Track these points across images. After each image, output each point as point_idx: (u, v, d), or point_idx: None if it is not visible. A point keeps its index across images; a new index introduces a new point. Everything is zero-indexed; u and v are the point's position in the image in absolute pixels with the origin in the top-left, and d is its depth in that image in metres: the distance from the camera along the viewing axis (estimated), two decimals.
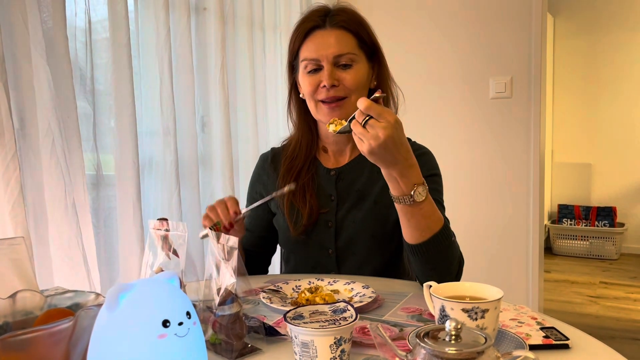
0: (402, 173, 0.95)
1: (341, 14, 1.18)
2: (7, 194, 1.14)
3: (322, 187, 1.28)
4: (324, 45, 1.16)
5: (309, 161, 1.29)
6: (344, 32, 1.17)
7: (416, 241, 1.01)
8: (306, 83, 1.19)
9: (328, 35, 1.16)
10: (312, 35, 1.18)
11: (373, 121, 0.90)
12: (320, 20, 1.18)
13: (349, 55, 1.16)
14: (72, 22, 1.46)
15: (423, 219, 0.99)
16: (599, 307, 3.33)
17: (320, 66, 1.16)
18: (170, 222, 0.82)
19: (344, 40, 1.16)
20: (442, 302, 0.75)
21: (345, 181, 1.27)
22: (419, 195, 0.96)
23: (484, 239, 2.70)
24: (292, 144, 1.33)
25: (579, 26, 4.72)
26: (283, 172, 1.29)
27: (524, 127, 2.62)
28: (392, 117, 0.91)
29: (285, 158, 1.32)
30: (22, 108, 1.25)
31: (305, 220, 1.23)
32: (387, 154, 0.92)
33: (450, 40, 2.72)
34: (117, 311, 0.57)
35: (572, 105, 4.81)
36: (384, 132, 0.89)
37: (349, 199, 1.25)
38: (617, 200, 4.70)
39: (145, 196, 1.70)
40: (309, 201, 1.24)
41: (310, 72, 1.18)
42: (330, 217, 1.25)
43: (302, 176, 1.27)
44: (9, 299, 0.72)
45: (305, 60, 1.18)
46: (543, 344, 0.79)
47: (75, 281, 1.29)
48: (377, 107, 0.90)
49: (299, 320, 0.74)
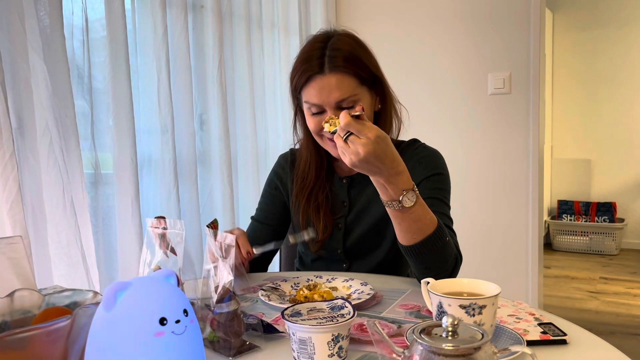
0: (388, 180, 0.96)
1: (338, 54, 1.14)
2: (6, 193, 1.14)
3: (336, 194, 1.33)
4: (325, 92, 1.14)
5: (320, 179, 1.33)
6: (344, 76, 1.14)
7: (408, 243, 1.02)
8: (311, 123, 1.20)
9: (328, 81, 1.14)
10: (312, 80, 1.16)
11: (353, 137, 0.91)
12: (319, 65, 1.14)
13: (350, 98, 1.15)
14: (69, 20, 1.46)
15: (414, 223, 1.00)
16: (599, 303, 3.33)
17: (323, 110, 1.17)
18: (168, 220, 0.83)
19: (344, 84, 1.14)
20: (439, 298, 0.75)
21: (356, 188, 1.32)
22: (408, 201, 0.97)
23: (484, 235, 2.70)
24: (301, 162, 1.35)
25: (578, 21, 4.71)
26: (297, 191, 1.33)
27: (523, 123, 2.62)
28: (372, 134, 0.91)
29: (296, 177, 1.35)
30: (19, 107, 1.25)
31: (321, 236, 1.28)
32: (370, 167, 0.93)
33: (448, 35, 2.71)
34: (114, 309, 0.57)
35: (571, 100, 4.81)
36: (364, 148, 0.90)
37: (359, 203, 1.30)
38: (617, 195, 4.70)
39: (144, 194, 1.70)
40: (323, 218, 1.29)
41: (314, 114, 1.19)
42: (341, 221, 1.31)
43: (314, 194, 1.31)
44: (7, 298, 0.72)
45: (308, 103, 1.18)
46: (541, 339, 0.79)
47: (74, 280, 1.29)
48: (355, 125, 0.91)
49: (297, 317, 0.74)
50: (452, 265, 1.07)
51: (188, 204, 1.86)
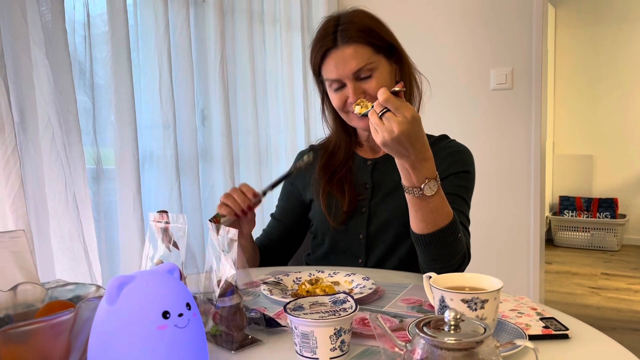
0: (414, 166, 0.95)
1: (350, 26, 1.16)
2: (8, 187, 1.14)
3: (358, 176, 1.30)
4: (341, 65, 1.15)
5: (347, 156, 1.32)
6: (357, 45, 1.15)
7: (420, 232, 1.02)
8: (334, 100, 1.21)
9: (343, 53, 1.15)
10: (328, 56, 1.17)
11: (390, 114, 0.91)
12: (332, 40, 1.16)
13: (367, 67, 1.15)
14: (71, 16, 1.46)
15: (430, 213, 0.99)
16: (600, 299, 3.33)
17: (343, 84, 1.17)
18: (170, 214, 0.83)
19: (358, 54, 1.15)
20: (441, 292, 0.75)
21: (381, 171, 1.30)
22: (429, 189, 0.96)
23: (485, 231, 2.70)
24: (331, 143, 1.35)
25: (580, 17, 4.69)
26: (321, 166, 1.32)
27: (525, 119, 2.62)
28: (409, 113, 0.91)
29: (323, 154, 1.35)
30: (21, 102, 1.25)
31: (346, 208, 1.25)
32: (400, 147, 0.92)
33: (451, 30, 2.71)
34: (117, 303, 0.57)
35: (573, 96, 4.80)
36: (399, 127, 0.90)
37: (384, 187, 1.28)
38: (619, 191, 4.70)
39: (146, 190, 1.70)
40: (348, 192, 1.27)
41: (336, 90, 1.19)
42: (365, 204, 1.27)
43: (339, 170, 1.30)
44: (10, 292, 0.72)
45: (328, 80, 1.19)
46: (543, 334, 0.79)
47: (76, 274, 1.30)
48: (395, 101, 0.90)
49: (299, 311, 0.75)
50: (459, 262, 1.07)
51: (190, 199, 1.87)
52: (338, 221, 1.26)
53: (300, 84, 2.53)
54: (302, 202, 1.38)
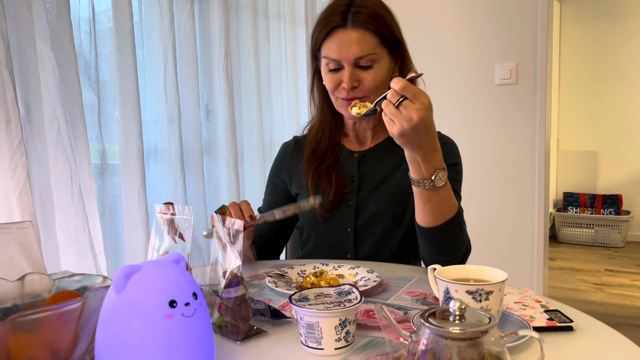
0: (425, 157, 0.95)
1: (362, 11, 1.14)
2: (14, 180, 1.15)
3: (345, 169, 1.29)
4: (344, 47, 1.13)
5: (333, 144, 1.31)
6: (365, 32, 1.14)
7: (428, 225, 1.02)
8: (327, 80, 1.19)
9: (349, 36, 1.13)
10: (333, 34, 1.15)
11: (407, 102, 0.89)
12: (342, 19, 1.14)
13: (369, 57, 1.14)
14: (76, 12, 1.46)
15: (438, 205, 1.00)
16: (604, 295, 3.33)
17: (341, 66, 1.16)
18: (176, 206, 0.83)
19: (365, 41, 1.13)
20: (446, 284, 0.75)
21: (368, 164, 1.28)
22: (440, 180, 0.97)
23: (489, 227, 2.70)
24: (314, 128, 1.33)
25: (586, 12, 4.67)
26: (308, 155, 1.30)
27: (530, 115, 2.61)
28: (426, 100, 0.90)
29: (309, 141, 1.33)
30: (27, 95, 1.25)
31: (332, 198, 1.24)
32: (416, 137, 0.91)
33: (455, 25, 2.70)
34: (124, 292, 0.58)
35: (578, 92, 4.78)
36: (418, 114, 0.89)
37: (371, 181, 1.26)
38: (623, 188, 4.68)
39: (150, 184, 1.71)
40: (334, 181, 1.25)
41: (332, 71, 1.17)
42: (352, 197, 1.26)
43: (327, 158, 1.28)
44: (18, 282, 0.73)
45: (327, 58, 1.17)
46: (547, 326, 0.79)
47: (82, 267, 1.30)
48: (413, 88, 0.89)
49: (304, 302, 0.75)
50: (463, 254, 1.08)
51: (194, 194, 1.87)
52: (324, 209, 1.25)
53: (304, 78, 2.53)
54: (288, 195, 1.37)
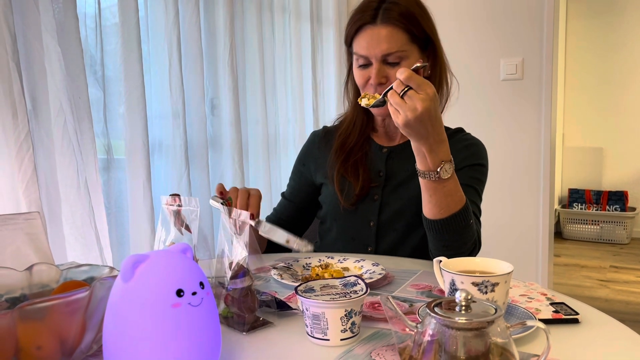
0: (431, 148, 0.95)
1: (394, 8, 1.15)
2: (21, 173, 1.15)
3: (373, 163, 1.30)
4: (372, 44, 1.14)
5: (362, 139, 1.32)
6: (395, 29, 1.14)
7: (433, 217, 1.02)
8: (357, 76, 1.21)
9: (378, 33, 1.14)
10: (362, 31, 1.16)
11: (412, 92, 0.90)
12: (372, 15, 1.15)
13: (397, 53, 1.14)
14: (81, 8, 1.46)
15: (444, 197, 1.00)
16: (609, 291, 3.32)
17: (369, 62, 1.17)
18: (182, 197, 0.83)
19: (394, 38, 1.14)
20: (452, 276, 0.75)
21: (396, 160, 1.29)
22: (445, 172, 0.97)
23: (494, 223, 2.69)
24: (346, 121, 1.35)
25: (592, 7, 4.64)
26: (337, 147, 1.32)
27: (535, 110, 2.60)
28: (431, 90, 0.90)
29: (339, 134, 1.34)
30: (34, 88, 1.26)
31: (358, 191, 1.25)
32: (421, 127, 0.92)
33: (460, 19, 2.69)
34: (131, 281, 0.58)
35: (583, 88, 4.76)
36: (422, 104, 0.89)
37: (398, 176, 1.27)
38: (629, 184, 4.67)
39: (155, 179, 1.71)
40: (362, 175, 1.26)
41: (361, 67, 1.19)
42: (377, 191, 1.27)
43: (355, 152, 1.29)
44: (26, 272, 0.73)
45: (356, 54, 1.19)
46: (553, 318, 0.79)
47: (88, 259, 1.31)
48: (417, 78, 0.90)
49: (310, 293, 0.75)
50: (469, 249, 1.07)
51: (199, 188, 1.87)
52: (349, 202, 1.25)
53: (309, 73, 2.52)
54: (312, 183, 1.38)
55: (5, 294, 0.71)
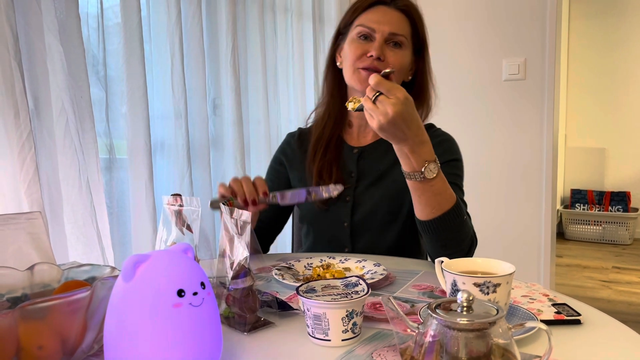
0: (412, 149, 0.96)
1: (407, 2, 1.25)
2: (23, 172, 1.15)
3: (344, 164, 1.32)
4: (383, 20, 1.21)
5: (337, 133, 1.34)
6: (404, 17, 1.24)
7: (426, 218, 1.02)
8: (353, 48, 1.23)
9: (390, 13, 1.22)
10: (375, 7, 1.23)
11: (383, 97, 0.92)
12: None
13: (401, 37, 1.22)
14: (84, 8, 1.46)
15: (434, 196, 1.00)
16: (611, 292, 3.31)
17: (372, 37, 1.21)
18: (184, 197, 0.83)
19: (402, 23, 1.23)
20: (453, 276, 0.75)
21: (366, 160, 1.31)
22: (430, 172, 0.97)
23: (496, 224, 2.69)
24: (322, 111, 1.36)
25: (595, 7, 4.63)
26: (314, 142, 1.33)
27: (538, 110, 2.60)
28: (401, 94, 0.92)
29: (315, 127, 1.36)
30: (36, 88, 1.26)
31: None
32: (396, 130, 0.93)
33: (463, 19, 2.69)
34: (133, 281, 0.58)
35: (585, 88, 4.75)
36: (393, 108, 0.91)
37: (369, 176, 1.29)
38: (632, 185, 4.65)
39: (157, 179, 1.72)
40: (334, 175, 1.28)
41: (361, 38, 1.22)
42: (349, 192, 1.28)
43: (330, 150, 1.31)
44: (27, 271, 0.73)
45: (361, 26, 1.23)
46: (555, 319, 0.79)
47: (89, 259, 1.31)
48: (386, 83, 0.92)
49: (312, 293, 0.75)
50: (467, 245, 1.07)
51: (201, 188, 1.88)
52: (322, 201, 1.27)
53: (311, 73, 2.52)
54: (289, 182, 1.39)
55: (7, 294, 0.71)
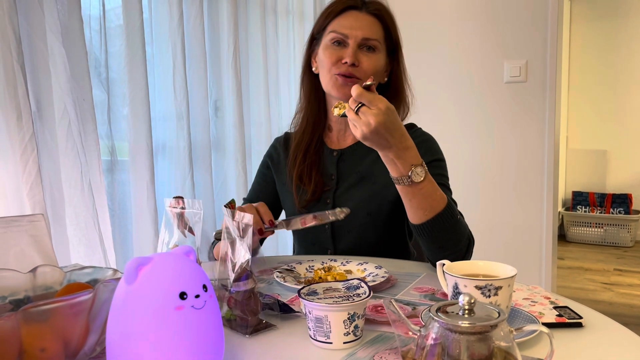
0: (398, 155, 0.97)
1: (377, 4, 1.25)
2: (25, 174, 1.16)
3: (324, 167, 1.33)
4: (355, 25, 1.21)
5: (316, 138, 1.34)
6: (377, 21, 1.24)
7: (420, 221, 1.02)
8: (327, 54, 1.23)
9: (362, 18, 1.22)
10: (347, 13, 1.23)
11: (365, 108, 0.93)
12: (360, 2, 1.24)
13: (374, 42, 1.22)
14: (86, 10, 1.47)
15: (424, 199, 1.00)
16: (613, 294, 3.31)
17: (345, 42, 1.22)
18: (186, 200, 0.83)
19: (374, 28, 1.23)
20: (455, 279, 0.75)
21: (346, 162, 1.31)
22: (417, 175, 0.98)
23: (497, 226, 2.69)
24: (302, 117, 1.36)
25: (596, 10, 4.63)
26: (294, 147, 1.34)
27: (539, 113, 2.59)
28: (382, 104, 0.93)
29: (295, 132, 1.37)
30: (38, 90, 1.26)
31: (309, 196, 1.28)
32: (380, 139, 0.95)
33: (464, 21, 2.69)
34: (135, 283, 0.58)
35: (587, 90, 4.74)
36: (375, 119, 0.92)
37: (348, 179, 1.30)
38: (633, 187, 4.64)
39: (159, 180, 1.72)
40: (314, 178, 1.29)
41: (334, 44, 1.23)
42: (329, 195, 1.30)
43: (311, 154, 1.32)
44: (30, 274, 0.73)
45: (334, 32, 1.23)
46: (556, 322, 0.79)
47: (91, 261, 1.31)
48: (368, 95, 0.93)
49: (313, 296, 0.75)
50: (465, 245, 1.07)
51: (203, 190, 1.88)
52: (302, 205, 1.29)
53: None
54: (274, 187, 1.40)
55: (9, 296, 0.71)
